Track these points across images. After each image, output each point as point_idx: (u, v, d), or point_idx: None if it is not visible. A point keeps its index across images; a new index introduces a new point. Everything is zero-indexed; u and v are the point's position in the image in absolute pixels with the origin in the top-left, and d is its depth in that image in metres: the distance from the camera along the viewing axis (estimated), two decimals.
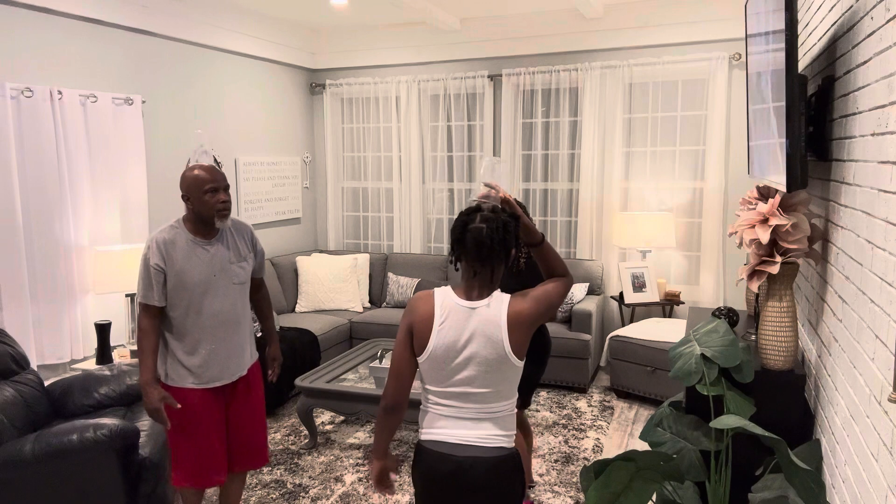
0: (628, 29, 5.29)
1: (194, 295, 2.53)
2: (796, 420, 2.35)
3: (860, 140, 1.82)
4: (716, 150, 5.10)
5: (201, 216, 2.54)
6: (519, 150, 5.76)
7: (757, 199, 2.49)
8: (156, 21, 4.58)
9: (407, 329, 1.86)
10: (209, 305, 2.56)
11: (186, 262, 2.52)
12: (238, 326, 2.66)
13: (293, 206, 6.23)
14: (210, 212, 2.53)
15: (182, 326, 2.56)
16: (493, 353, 1.81)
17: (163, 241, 2.51)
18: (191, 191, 2.52)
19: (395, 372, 1.86)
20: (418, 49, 5.98)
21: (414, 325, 1.84)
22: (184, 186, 2.53)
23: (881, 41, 1.63)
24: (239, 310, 2.66)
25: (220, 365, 2.62)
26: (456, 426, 1.85)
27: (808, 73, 2.88)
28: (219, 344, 2.60)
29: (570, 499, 3.39)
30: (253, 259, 2.74)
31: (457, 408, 1.85)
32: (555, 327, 4.97)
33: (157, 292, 2.50)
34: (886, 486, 1.45)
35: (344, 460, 3.82)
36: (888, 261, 1.52)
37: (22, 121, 3.70)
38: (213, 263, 2.57)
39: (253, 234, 2.75)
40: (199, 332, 2.56)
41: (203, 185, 2.51)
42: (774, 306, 2.32)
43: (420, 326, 1.83)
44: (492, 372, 1.83)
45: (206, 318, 2.56)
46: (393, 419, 1.88)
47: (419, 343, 1.83)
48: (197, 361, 2.58)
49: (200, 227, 2.57)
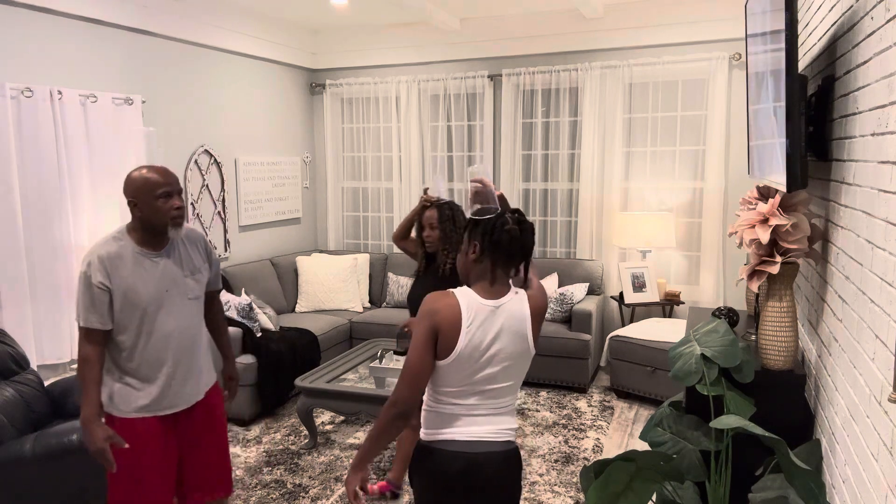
0: (628, 29, 5.29)
1: (145, 314, 2.24)
2: (796, 420, 2.35)
3: (860, 140, 1.82)
4: (716, 150, 5.10)
5: (152, 225, 2.23)
6: (519, 150, 5.76)
7: (757, 199, 2.49)
8: (156, 21, 4.58)
9: (430, 332, 1.77)
10: (162, 325, 2.27)
11: (134, 277, 2.22)
12: (195, 346, 2.39)
13: (293, 206, 6.23)
14: (163, 220, 2.22)
15: (132, 351, 2.26)
16: (518, 347, 1.85)
17: (106, 256, 2.20)
18: (140, 196, 2.20)
19: (413, 376, 1.76)
20: (418, 49, 5.98)
21: (439, 328, 1.77)
22: (130, 190, 2.20)
23: (881, 41, 1.63)
24: (195, 328, 2.38)
25: (177, 390, 2.34)
26: (470, 424, 1.83)
27: (808, 73, 2.88)
28: (175, 367, 2.32)
29: (570, 499, 3.39)
30: (208, 270, 2.45)
31: (473, 405, 1.83)
32: (555, 327, 4.97)
33: (103, 314, 2.19)
34: (886, 486, 1.45)
35: (344, 460, 3.82)
36: (888, 261, 1.52)
37: (22, 121, 3.70)
38: (165, 278, 2.28)
39: (207, 244, 2.48)
40: (152, 356, 2.28)
41: (155, 190, 2.20)
42: (774, 306, 2.32)
43: (446, 329, 1.77)
44: (513, 366, 1.86)
45: (160, 339, 2.27)
46: (401, 426, 1.80)
47: (445, 346, 1.78)
48: (154, 391, 2.29)
49: (149, 237, 2.26)
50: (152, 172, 2.22)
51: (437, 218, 3.01)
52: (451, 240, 3.00)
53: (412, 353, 1.77)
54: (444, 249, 3.01)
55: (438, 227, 3.01)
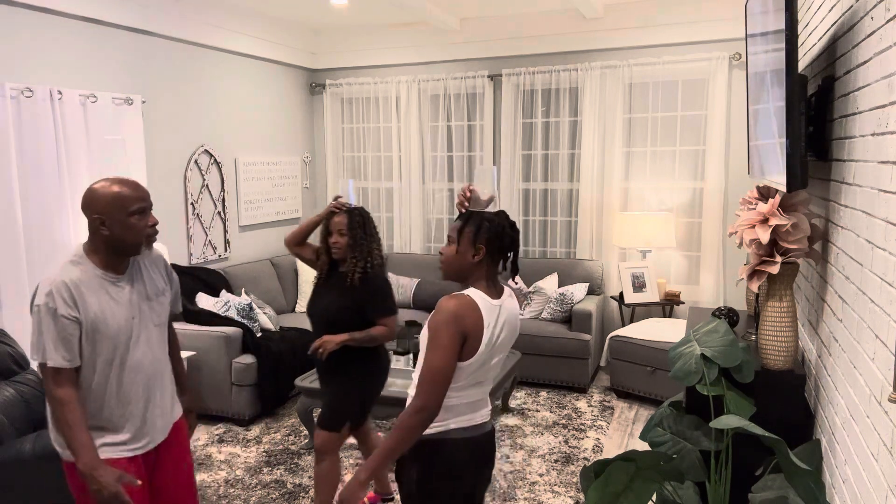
0: (628, 29, 5.29)
1: (115, 347, 2.00)
2: (796, 420, 2.35)
3: (860, 140, 1.82)
4: (716, 150, 5.10)
5: (122, 245, 1.98)
6: (519, 150, 5.76)
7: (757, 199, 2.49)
8: (156, 21, 4.58)
9: (459, 337, 1.82)
10: (132, 357, 2.03)
11: (101, 305, 1.97)
12: (164, 377, 2.17)
13: (293, 206, 6.23)
14: (137, 239, 1.99)
15: (101, 391, 2.00)
16: (512, 339, 2.00)
17: (72, 283, 1.92)
18: (110, 212, 1.94)
19: (443, 381, 1.81)
20: (418, 49, 5.98)
21: (468, 333, 1.83)
22: (98, 207, 1.94)
23: (881, 41, 1.63)
24: (163, 357, 2.16)
25: (149, 427, 2.11)
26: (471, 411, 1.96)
27: (808, 73, 2.88)
28: (147, 403, 2.09)
29: (570, 499, 3.39)
30: (169, 292, 2.23)
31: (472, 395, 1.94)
32: (555, 327, 4.97)
33: (72, 350, 1.93)
34: (886, 486, 1.45)
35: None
36: (888, 261, 1.52)
37: (22, 121, 3.70)
38: (132, 304, 2.04)
39: (167, 263, 2.25)
40: (123, 393, 2.03)
41: (128, 206, 1.96)
42: (774, 306, 2.33)
43: (474, 333, 1.84)
44: (503, 357, 2.01)
45: (130, 373, 2.04)
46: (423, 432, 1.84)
47: (470, 348, 1.84)
48: (126, 430, 2.05)
49: (113, 259, 2.01)
50: (123, 186, 1.97)
51: (346, 224, 2.83)
52: (362, 247, 2.82)
53: (441, 358, 1.79)
54: (353, 257, 2.81)
55: (348, 233, 2.82)
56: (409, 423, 1.79)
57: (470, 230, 1.92)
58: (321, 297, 2.90)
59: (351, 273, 2.80)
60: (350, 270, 2.81)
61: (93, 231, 1.97)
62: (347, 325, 2.81)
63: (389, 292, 2.87)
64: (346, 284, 2.81)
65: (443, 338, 1.80)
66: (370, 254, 2.83)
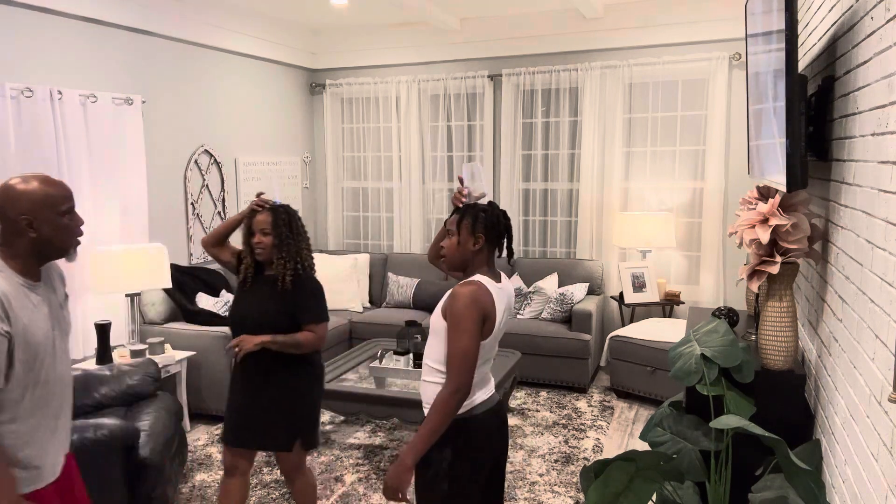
0: (628, 29, 5.29)
1: (42, 362, 1.77)
2: (796, 420, 2.35)
3: (860, 140, 1.82)
4: (716, 150, 5.11)
5: (50, 247, 1.80)
6: (519, 150, 5.76)
7: (757, 199, 2.49)
8: (156, 21, 4.58)
9: (480, 320, 1.97)
10: (53, 372, 1.81)
11: (28, 316, 1.75)
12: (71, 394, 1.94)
13: (293, 206, 6.22)
14: (69, 241, 1.83)
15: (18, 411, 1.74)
16: (508, 319, 2.16)
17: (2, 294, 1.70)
18: (40, 212, 1.75)
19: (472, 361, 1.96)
20: (418, 49, 5.98)
21: (487, 314, 1.99)
22: (24, 206, 1.73)
23: (881, 41, 1.63)
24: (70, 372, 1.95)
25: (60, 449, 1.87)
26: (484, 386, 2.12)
27: (808, 73, 2.89)
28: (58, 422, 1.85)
29: (570, 499, 3.39)
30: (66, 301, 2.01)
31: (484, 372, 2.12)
32: (555, 327, 4.97)
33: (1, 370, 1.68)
34: (886, 486, 1.45)
35: (344, 460, 3.82)
36: (888, 261, 1.52)
37: (22, 121, 3.70)
38: (51, 314, 1.83)
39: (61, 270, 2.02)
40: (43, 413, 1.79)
41: (59, 205, 1.78)
42: (774, 306, 2.33)
43: (490, 313, 2.01)
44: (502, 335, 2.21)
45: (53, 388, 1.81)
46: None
47: (487, 329, 2.02)
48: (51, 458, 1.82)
49: (32, 264, 1.80)
50: (48, 184, 1.78)
51: (270, 223, 2.60)
52: (289, 247, 2.60)
53: (469, 340, 1.95)
54: (280, 258, 2.60)
55: (272, 232, 2.60)
56: (448, 404, 1.94)
57: (468, 221, 2.06)
58: (246, 301, 2.65)
59: (282, 275, 2.58)
60: (280, 273, 2.59)
61: (15, 234, 1.75)
62: (280, 331, 2.59)
63: (322, 297, 2.67)
64: (276, 288, 2.60)
65: (466, 321, 1.94)
66: (300, 254, 2.63)
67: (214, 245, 2.82)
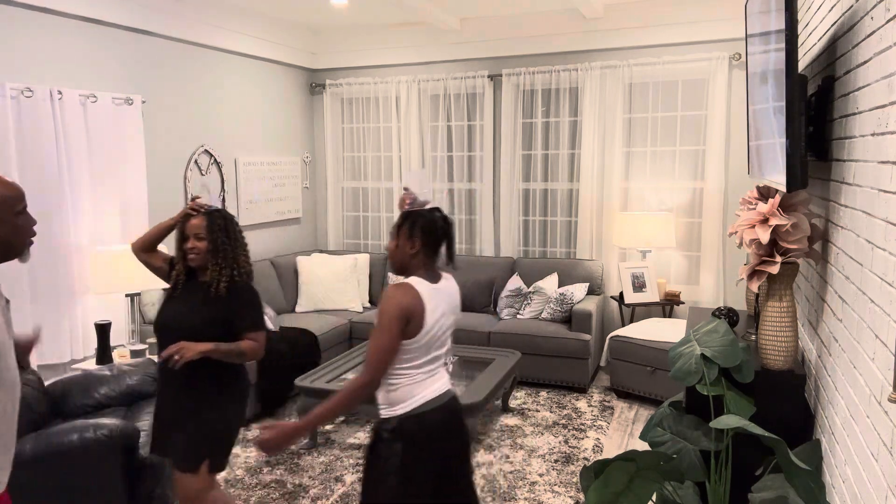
0: (628, 29, 5.29)
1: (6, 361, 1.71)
2: (796, 420, 2.35)
3: (860, 140, 1.82)
4: (716, 150, 5.11)
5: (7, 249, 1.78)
6: (519, 150, 5.76)
7: (757, 199, 2.49)
8: (156, 21, 4.58)
9: (402, 320, 2.06)
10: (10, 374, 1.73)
11: None
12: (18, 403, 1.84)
13: (293, 206, 6.22)
14: (23, 241, 1.81)
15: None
16: (454, 317, 2.26)
17: None
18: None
19: (387, 358, 2.07)
20: (418, 49, 5.98)
21: (411, 314, 2.07)
22: None
23: (881, 41, 1.63)
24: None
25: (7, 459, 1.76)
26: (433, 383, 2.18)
27: (808, 73, 2.89)
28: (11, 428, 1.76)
29: (570, 499, 3.39)
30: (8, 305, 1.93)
31: (431, 369, 2.18)
32: (555, 327, 4.97)
33: None
34: (886, 486, 1.45)
35: (344, 460, 3.83)
36: (888, 261, 1.52)
37: (22, 121, 3.70)
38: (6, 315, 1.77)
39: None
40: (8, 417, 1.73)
41: (14, 205, 1.77)
42: (774, 306, 2.33)
43: (417, 314, 2.08)
44: (451, 332, 2.27)
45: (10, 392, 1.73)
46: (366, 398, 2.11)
47: (415, 328, 2.08)
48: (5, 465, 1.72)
49: None
50: (4, 187, 1.75)
51: (205, 227, 2.48)
52: (225, 253, 2.49)
53: (386, 339, 2.05)
54: (215, 264, 2.48)
55: (207, 237, 2.48)
56: (356, 393, 2.05)
57: (406, 227, 2.18)
58: (176, 308, 2.52)
59: (216, 282, 2.46)
60: (214, 279, 2.47)
61: None
62: (212, 340, 2.46)
63: (259, 306, 2.56)
64: (208, 294, 2.47)
65: (387, 320, 2.05)
66: (236, 261, 2.52)
67: (144, 250, 2.66)
